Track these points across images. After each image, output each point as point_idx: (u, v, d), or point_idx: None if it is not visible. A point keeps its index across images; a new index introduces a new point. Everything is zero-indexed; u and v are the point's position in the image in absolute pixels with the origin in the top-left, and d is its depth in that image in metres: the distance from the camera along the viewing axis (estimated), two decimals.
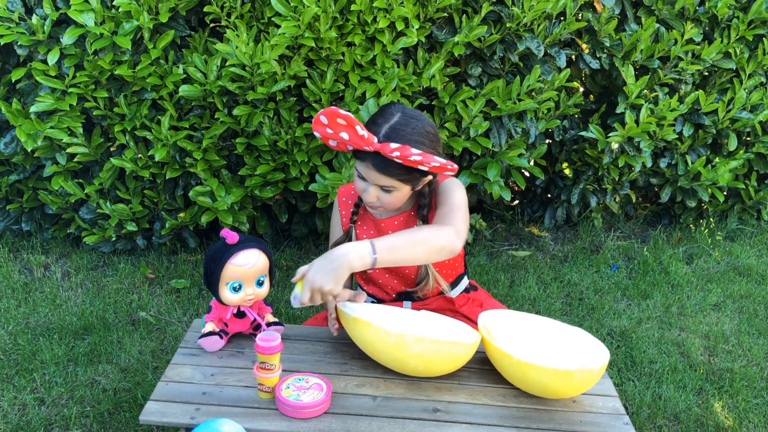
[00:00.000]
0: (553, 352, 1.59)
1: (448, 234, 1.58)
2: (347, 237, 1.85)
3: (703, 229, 3.41)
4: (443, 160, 1.52)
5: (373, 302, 1.90)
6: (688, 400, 2.18)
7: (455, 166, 1.54)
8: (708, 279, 2.99)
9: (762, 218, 3.50)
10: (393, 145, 1.52)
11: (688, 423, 2.08)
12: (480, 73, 2.77)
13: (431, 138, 1.61)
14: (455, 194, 1.71)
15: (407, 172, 1.59)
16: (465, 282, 1.94)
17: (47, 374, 2.18)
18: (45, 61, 2.54)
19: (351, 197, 1.87)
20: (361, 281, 1.91)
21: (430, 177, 1.67)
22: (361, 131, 1.53)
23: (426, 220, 1.76)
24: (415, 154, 1.50)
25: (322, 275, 1.46)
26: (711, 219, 3.46)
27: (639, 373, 2.33)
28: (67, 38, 2.42)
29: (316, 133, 1.63)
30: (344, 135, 1.55)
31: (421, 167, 1.53)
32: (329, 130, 1.58)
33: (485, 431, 1.42)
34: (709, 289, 2.90)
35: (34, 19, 2.45)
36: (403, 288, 1.85)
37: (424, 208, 1.75)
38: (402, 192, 1.65)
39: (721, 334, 2.57)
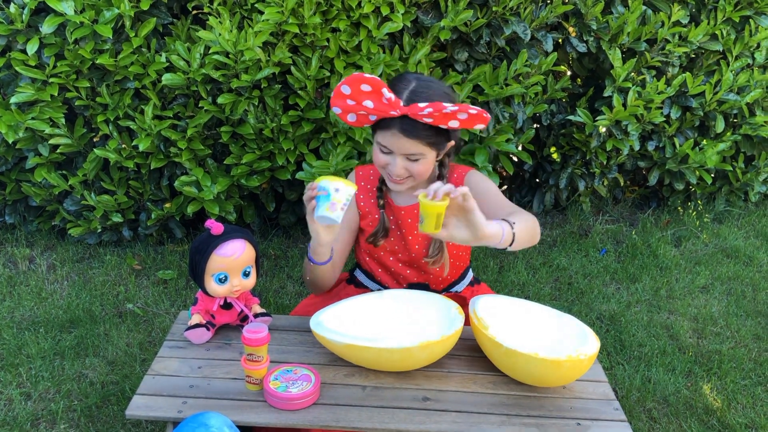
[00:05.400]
0: (544, 340, 1.58)
1: (535, 220, 1.59)
2: (382, 226, 1.79)
3: (691, 211, 3.42)
4: (477, 108, 1.52)
5: (380, 290, 1.88)
6: (677, 383, 2.19)
7: (488, 114, 1.54)
8: (696, 261, 3.00)
9: (749, 200, 3.51)
10: (422, 104, 1.51)
11: (677, 405, 2.09)
12: (467, 58, 2.75)
13: (452, 99, 1.61)
14: (493, 186, 1.72)
15: (435, 134, 1.58)
16: (470, 275, 1.94)
17: (33, 368, 2.16)
18: (24, 51, 2.49)
19: (370, 182, 1.82)
20: (375, 266, 1.88)
21: (452, 142, 1.67)
22: (388, 94, 1.52)
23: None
24: (450, 106, 1.49)
25: (462, 231, 1.40)
26: (699, 201, 3.47)
27: (628, 357, 2.33)
28: (47, 27, 2.38)
29: (335, 109, 1.62)
30: (368, 103, 1.55)
31: (457, 117, 1.52)
32: (350, 102, 1.57)
33: (475, 419, 1.41)
34: (698, 271, 2.91)
35: (12, 7, 2.40)
36: (415, 279, 1.84)
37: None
38: (429, 159, 1.63)
39: (710, 317, 2.58)
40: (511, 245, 1.46)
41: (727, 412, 2.07)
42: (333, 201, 1.47)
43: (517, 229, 1.47)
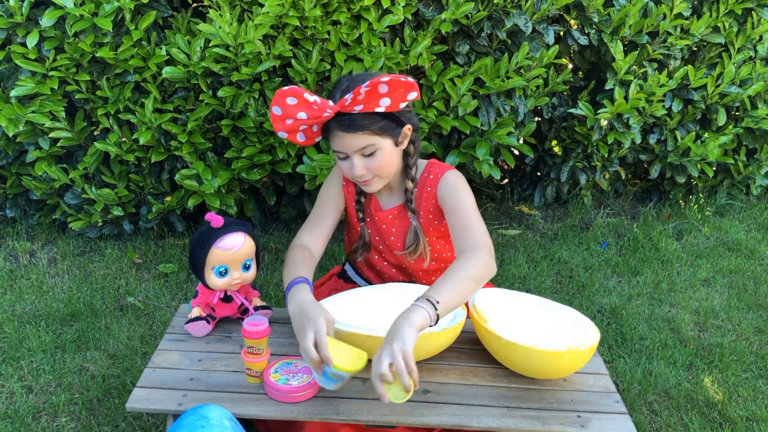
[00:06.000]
0: (543, 332, 1.58)
1: (484, 259, 1.47)
2: (362, 240, 1.79)
3: (692, 204, 3.41)
4: (390, 75, 1.47)
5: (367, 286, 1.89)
6: (679, 376, 2.19)
7: (411, 78, 1.48)
8: (697, 255, 2.99)
9: (751, 193, 3.51)
10: (346, 96, 1.48)
11: (678, 398, 2.09)
12: (468, 51, 2.74)
13: None
14: (464, 197, 1.63)
15: (378, 121, 1.54)
16: None
17: (34, 362, 2.16)
18: (24, 44, 2.48)
19: (353, 185, 1.81)
20: (361, 263, 1.88)
21: (409, 127, 1.62)
22: (311, 98, 1.49)
23: (415, 212, 1.72)
24: (363, 86, 1.45)
25: (405, 344, 1.30)
26: (700, 194, 3.46)
27: (629, 350, 2.33)
28: (46, 20, 2.37)
29: (281, 134, 1.59)
30: (302, 115, 1.52)
31: (380, 93, 1.47)
32: (289, 121, 1.55)
33: (476, 412, 1.41)
34: (699, 264, 2.90)
35: (12, 0, 2.39)
36: (401, 279, 1.84)
37: (411, 193, 1.72)
38: (385, 150, 1.58)
39: (711, 310, 2.57)
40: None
41: (728, 404, 2.07)
42: (345, 382, 1.40)
43: (443, 308, 1.39)
